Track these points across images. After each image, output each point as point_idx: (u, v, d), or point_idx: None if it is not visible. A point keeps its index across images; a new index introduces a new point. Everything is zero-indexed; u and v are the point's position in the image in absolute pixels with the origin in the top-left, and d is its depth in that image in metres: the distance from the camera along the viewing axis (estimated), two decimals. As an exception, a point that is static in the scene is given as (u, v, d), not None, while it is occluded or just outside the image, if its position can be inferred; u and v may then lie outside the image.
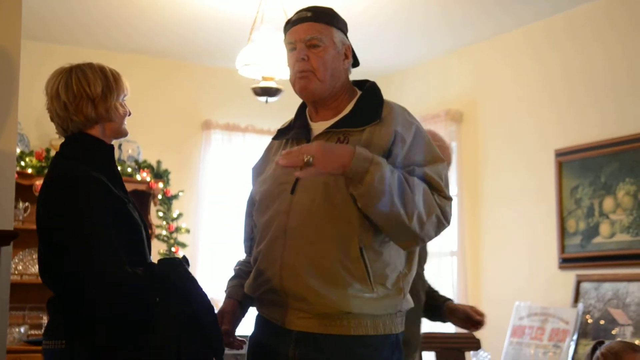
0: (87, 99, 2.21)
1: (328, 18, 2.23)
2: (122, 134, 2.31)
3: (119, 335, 2.08)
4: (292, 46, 2.22)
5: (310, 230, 2.08)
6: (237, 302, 2.28)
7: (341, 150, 1.95)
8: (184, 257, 2.21)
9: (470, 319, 2.95)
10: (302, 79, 2.18)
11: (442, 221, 2.09)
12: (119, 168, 5.68)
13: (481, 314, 2.97)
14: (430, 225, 2.06)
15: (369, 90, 2.26)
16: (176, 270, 2.13)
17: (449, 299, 3.10)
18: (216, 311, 2.18)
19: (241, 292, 2.28)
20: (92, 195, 2.10)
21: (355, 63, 2.33)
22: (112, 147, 2.28)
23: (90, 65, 2.27)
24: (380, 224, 2.04)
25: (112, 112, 2.24)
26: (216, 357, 2.14)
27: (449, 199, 2.14)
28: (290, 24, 2.25)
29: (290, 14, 4.99)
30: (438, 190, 2.11)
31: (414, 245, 2.11)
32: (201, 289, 2.13)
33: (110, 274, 2.04)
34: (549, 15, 5.18)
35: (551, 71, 5.20)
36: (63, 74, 2.24)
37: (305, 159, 1.87)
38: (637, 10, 4.70)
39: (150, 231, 5.76)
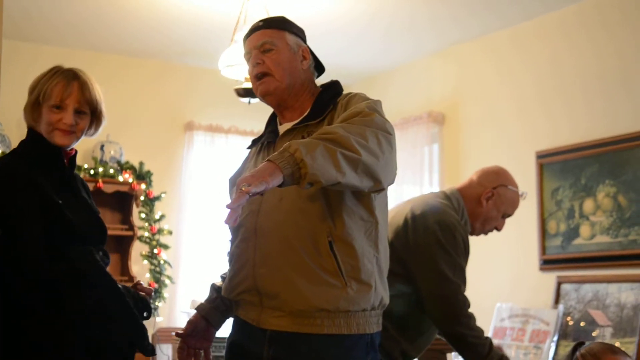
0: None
1: (279, 24, 2.30)
2: (49, 141, 2.27)
3: (32, 330, 2.08)
4: (248, 55, 2.30)
5: (280, 227, 2.10)
6: (201, 317, 2.38)
7: (263, 164, 1.84)
8: (99, 247, 2.24)
9: None
10: (261, 84, 2.25)
11: (384, 133, 2.00)
12: (101, 169, 5.70)
13: None
14: (375, 144, 1.95)
15: (328, 86, 2.31)
16: (84, 258, 2.14)
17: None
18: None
19: (207, 308, 2.38)
20: (9, 190, 2.11)
21: (320, 68, 2.37)
22: (56, 148, 2.26)
23: (58, 69, 2.30)
24: (350, 182, 1.92)
25: (38, 118, 2.26)
26: (138, 345, 2.18)
27: (374, 112, 2.03)
28: (245, 37, 2.33)
29: (273, 14, 5.01)
30: (359, 113, 2.03)
31: (383, 177, 2.00)
32: (107, 275, 2.16)
33: (20, 270, 2.06)
34: (536, 15, 5.18)
35: (536, 72, 5.21)
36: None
37: (244, 189, 1.76)
38: (628, 9, 4.71)
39: (132, 233, 5.75)
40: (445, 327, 2.79)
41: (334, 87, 2.30)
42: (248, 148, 2.42)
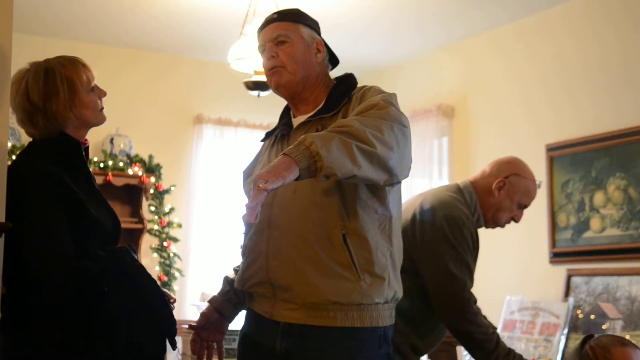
0: (35, 110, 2.18)
1: (294, 17, 2.29)
2: (95, 122, 2.26)
3: (68, 329, 2.08)
4: (262, 48, 2.30)
5: (293, 220, 2.09)
6: (214, 309, 2.41)
7: (279, 159, 1.83)
8: (130, 245, 2.23)
9: None
10: (273, 74, 2.25)
11: (399, 125, 1.99)
12: (111, 162, 5.71)
13: None
14: (390, 137, 1.95)
15: (343, 78, 2.31)
16: (123, 258, 2.14)
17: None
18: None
19: (220, 300, 2.40)
20: (37, 188, 2.09)
21: (334, 61, 2.36)
22: (78, 144, 2.24)
23: (36, 70, 2.20)
24: (365, 175, 1.91)
25: (71, 111, 2.19)
26: (168, 339, 2.21)
27: (389, 105, 2.02)
28: (259, 29, 2.32)
29: (282, 7, 5.02)
30: (374, 105, 2.01)
31: (398, 170, 2.00)
32: (148, 274, 2.16)
33: (53, 268, 2.04)
34: (542, 9, 5.18)
35: (544, 65, 5.21)
36: (15, 84, 2.20)
37: (262, 186, 1.76)
38: (633, 3, 4.70)
39: (142, 225, 5.77)
40: (451, 324, 2.78)
41: (349, 80, 2.30)
42: (262, 141, 2.42)
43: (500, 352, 2.74)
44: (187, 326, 2.44)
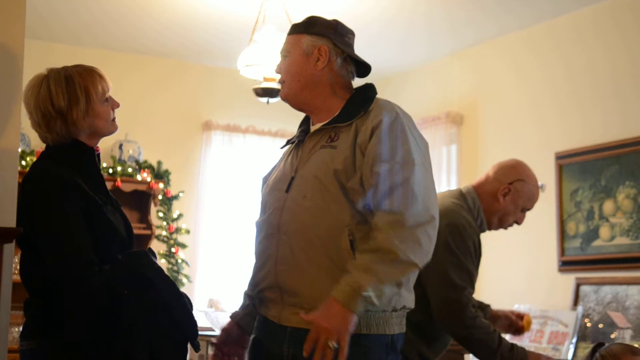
0: (57, 115, 2.19)
1: (299, 28, 2.31)
2: (106, 132, 2.29)
3: (89, 333, 2.09)
4: None
5: (302, 225, 2.11)
6: (235, 324, 2.38)
7: (337, 308, 1.96)
8: (150, 249, 2.23)
9: (513, 324, 3.03)
10: (280, 89, 2.33)
11: (432, 225, 2.07)
12: (120, 168, 5.72)
13: (522, 317, 3.02)
14: (426, 242, 2.05)
15: (361, 89, 2.30)
16: (140, 262, 2.14)
17: (487, 305, 3.06)
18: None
19: (240, 315, 2.38)
20: (58, 194, 2.10)
21: (360, 68, 2.35)
22: (92, 150, 2.26)
23: (57, 76, 2.22)
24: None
25: (85, 120, 2.20)
26: (190, 342, 2.20)
27: (416, 202, 2.06)
28: None
29: (292, 15, 5.03)
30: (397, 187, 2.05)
31: (422, 259, 2.10)
32: (167, 277, 2.17)
33: (74, 273, 2.05)
34: (551, 17, 5.18)
35: (553, 73, 5.20)
36: (34, 88, 2.22)
37: (331, 345, 1.93)
38: (641, 12, 4.71)
39: (150, 231, 5.77)
40: (451, 329, 2.78)
41: (366, 90, 2.29)
42: (282, 148, 2.45)
43: (504, 349, 2.73)
44: (209, 343, 2.43)
